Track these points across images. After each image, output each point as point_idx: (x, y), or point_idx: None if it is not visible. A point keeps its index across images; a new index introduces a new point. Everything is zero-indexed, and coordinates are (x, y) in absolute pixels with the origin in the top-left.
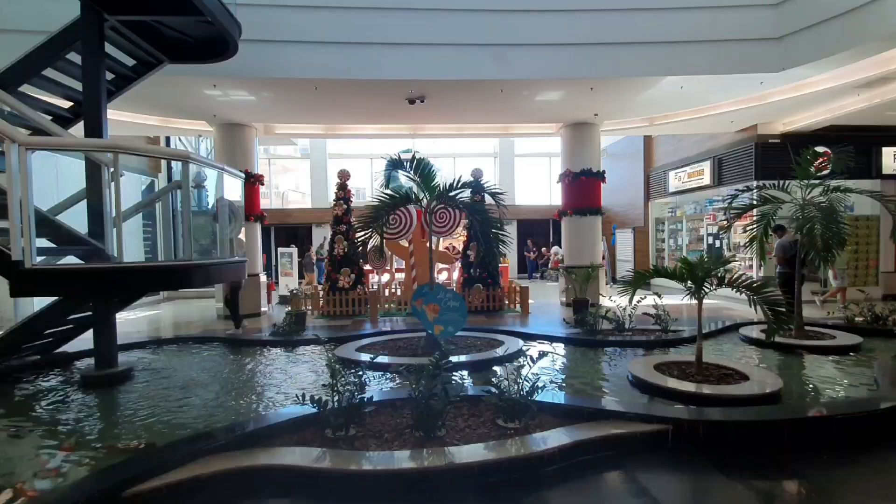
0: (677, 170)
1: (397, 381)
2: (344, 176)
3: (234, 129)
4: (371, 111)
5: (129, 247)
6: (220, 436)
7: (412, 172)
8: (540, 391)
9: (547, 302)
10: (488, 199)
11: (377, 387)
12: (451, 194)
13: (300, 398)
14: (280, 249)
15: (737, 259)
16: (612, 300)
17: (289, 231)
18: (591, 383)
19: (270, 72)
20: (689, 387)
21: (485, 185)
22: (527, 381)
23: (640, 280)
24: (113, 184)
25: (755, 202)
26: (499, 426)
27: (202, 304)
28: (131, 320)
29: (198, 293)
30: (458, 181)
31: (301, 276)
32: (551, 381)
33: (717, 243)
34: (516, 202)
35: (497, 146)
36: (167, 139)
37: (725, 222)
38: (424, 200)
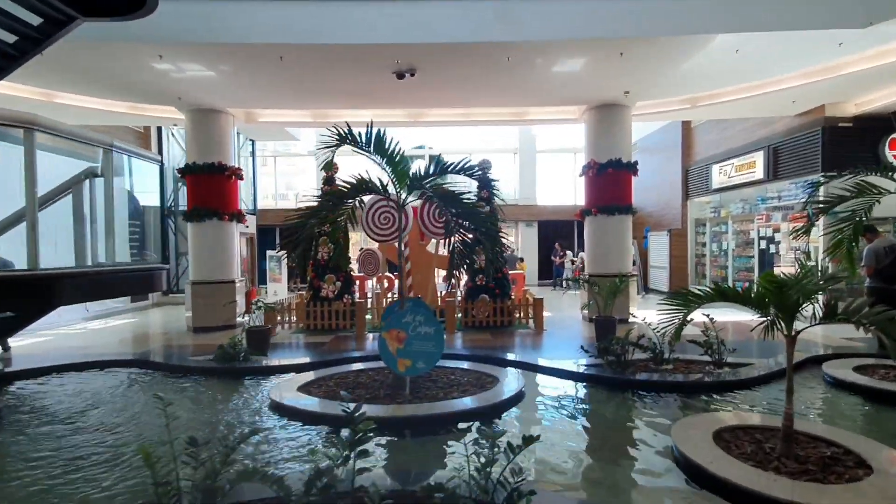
0: (722, 163)
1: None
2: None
3: (206, 115)
4: (356, 90)
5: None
6: None
7: (369, 150)
8: (525, 502)
9: (567, 315)
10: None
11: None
12: (425, 182)
13: None
14: (268, 252)
15: (846, 275)
16: (644, 321)
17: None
18: (615, 463)
19: (220, 35)
20: (776, 488)
21: (473, 169)
22: (502, 484)
23: (692, 307)
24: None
25: (851, 192)
26: None
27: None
28: (75, 334)
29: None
30: (437, 163)
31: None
32: (551, 449)
33: (772, 248)
34: (538, 202)
35: (517, 141)
36: (158, 130)
37: (805, 220)
38: (399, 193)
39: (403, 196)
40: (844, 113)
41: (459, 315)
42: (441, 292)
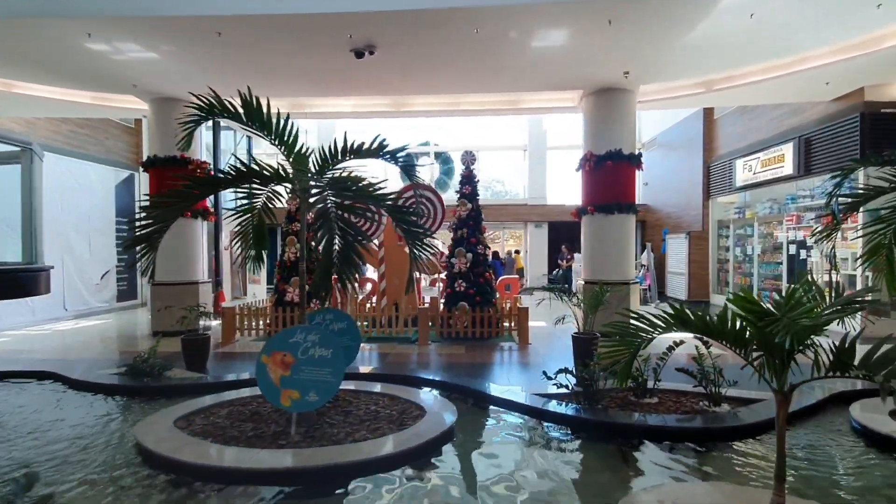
0: (747, 157)
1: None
2: None
3: (168, 104)
4: (315, 72)
5: None
6: None
7: (250, 124)
8: None
9: (564, 327)
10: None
11: None
12: (328, 173)
13: None
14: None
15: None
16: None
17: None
18: None
19: (143, 7)
20: None
21: (386, 150)
22: None
23: (639, 342)
24: None
25: (891, 183)
26: None
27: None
28: (33, 336)
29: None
30: (345, 144)
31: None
32: None
33: (803, 254)
34: (548, 201)
35: (527, 137)
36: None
37: (830, 219)
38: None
39: (311, 186)
40: (888, 97)
41: (432, 324)
42: (427, 298)
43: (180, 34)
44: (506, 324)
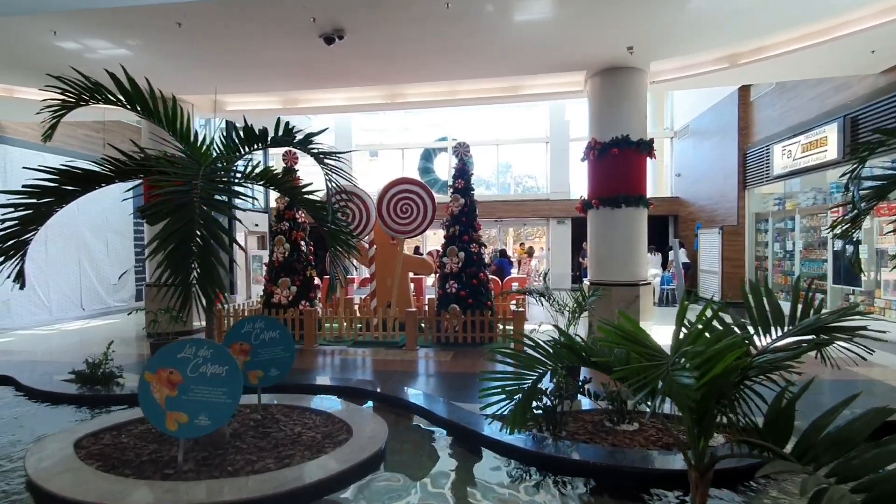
0: (785, 141)
1: None
2: (290, 160)
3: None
4: (290, 63)
5: None
6: None
7: (140, 112)
8: None
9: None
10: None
11: None
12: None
13: None
14: (252, 252)
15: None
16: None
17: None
18: None
19: (92, 1)
20: None
21: (296, 138)
22: None
23: (527, 393)
24: None
25: None
26: None
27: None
28: (33, 336)
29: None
30: (248, 131)
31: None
32: None
33: (850, 250)
34: (571, 196)
35: (548, 129)
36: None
37: (851, 209)
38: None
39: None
40: None
41: (423, 327)
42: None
43: (139, 27)
44: (500, 327)
